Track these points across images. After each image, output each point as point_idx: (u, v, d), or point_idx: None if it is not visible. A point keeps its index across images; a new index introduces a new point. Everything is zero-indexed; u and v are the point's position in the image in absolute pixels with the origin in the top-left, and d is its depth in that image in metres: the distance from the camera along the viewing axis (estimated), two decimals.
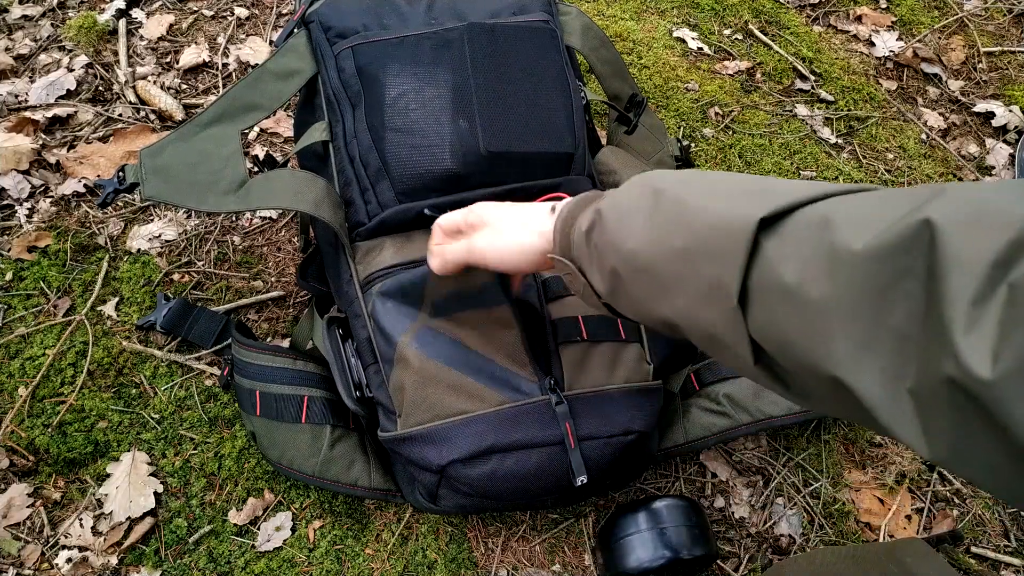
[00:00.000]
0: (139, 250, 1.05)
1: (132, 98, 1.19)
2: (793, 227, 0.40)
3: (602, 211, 0.53)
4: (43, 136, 1.13)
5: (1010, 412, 0.29)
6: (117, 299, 1.00)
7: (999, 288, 0.30)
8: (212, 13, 1.32)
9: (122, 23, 1.27)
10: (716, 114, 1.31)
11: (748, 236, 0.40)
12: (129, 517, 0.86)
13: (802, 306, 0.38)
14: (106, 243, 1.04)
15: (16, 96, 1.17)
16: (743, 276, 0.41)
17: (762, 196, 0.42)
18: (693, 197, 0.46)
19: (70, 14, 1.28)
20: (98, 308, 0.99)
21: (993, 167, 1.31)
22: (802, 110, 1.34)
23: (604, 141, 1.10)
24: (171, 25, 1.29)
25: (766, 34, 1.44)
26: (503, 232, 0.63)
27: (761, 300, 0.40)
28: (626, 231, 0.50)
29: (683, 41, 1.40)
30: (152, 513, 0.87)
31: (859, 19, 1.51)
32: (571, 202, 0.59)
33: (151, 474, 0.89)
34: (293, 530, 0.88)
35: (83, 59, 1.21)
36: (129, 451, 0.90)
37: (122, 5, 1.28)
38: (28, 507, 0.86)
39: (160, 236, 1.06)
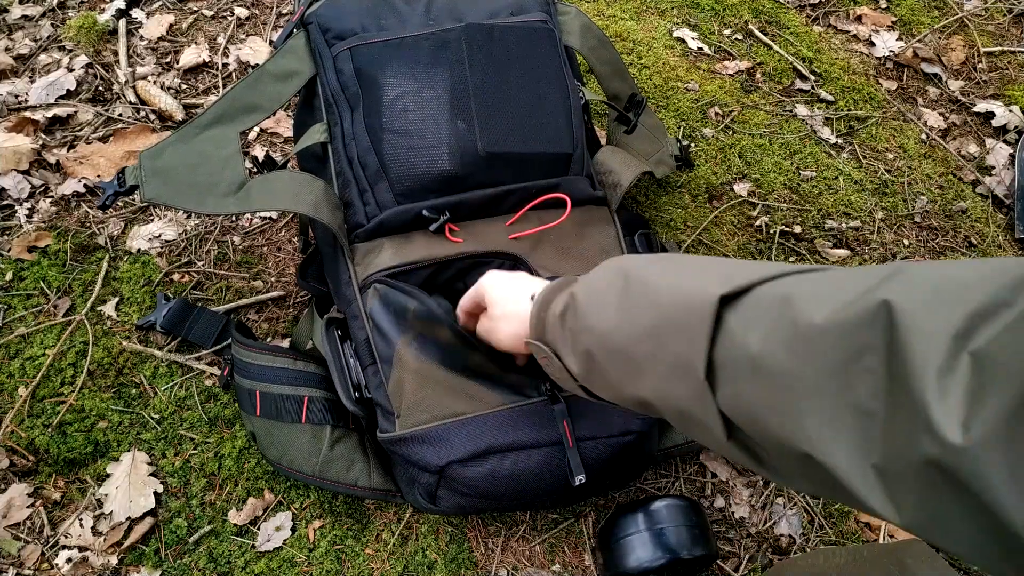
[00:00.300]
0: (139, 250, 1.05)
1: (132, 98, 1.20)
2: (755, 301, 0.41)
3: (575, 295, 0.54)
4: (43, 136, 1.13)
5: (985, 479, 0.29)
6: (117, 299, 1.00)
7: (961, 357, 0.31)
8: (212, 13, 1.32)
9: (122, 23, 1.27)
10: (716, 114, 1.31)
11: (711, 310, 0.41)
12: (129, 517, 0.86)
13: (768, 379, 0.38)
14: (106, 243, 1.05)
15: (16, 96, 1.17)
16: (708, 350, 0.41)
17: (725, 274, 0.43)
18: (658, 276, 0.48)
19: (70, 14, 1.28)
20: (98, 308, 0.99)
21: (993, 167, 1.31)
22: (802, 110, 1.34)
23: (603, 141, 1.10)
24: (171, 25, 1.29)
25: (766, 34, 1.44)
26: (498, 320, 0.67)
27: (728, 374, 0.41)
28: (598, 313, 0.51)
29: (683, 41, 1.40)
30: (152, 513, 0.87)
31: (859, 19, 1.51)
32: (547, 287, 0.61)
33: (151, 474, 0.89)
34: (293, 530, 0.88)
35: (83, 59, 1.21)
36: (129, 451, 0.90)
37: (122, 5, 1.28)
38: (28, 507, 0.86)
39: (160, 236, 1.06)
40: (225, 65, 1.26)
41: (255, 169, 0.95)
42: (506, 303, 0.66)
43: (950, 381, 0.31)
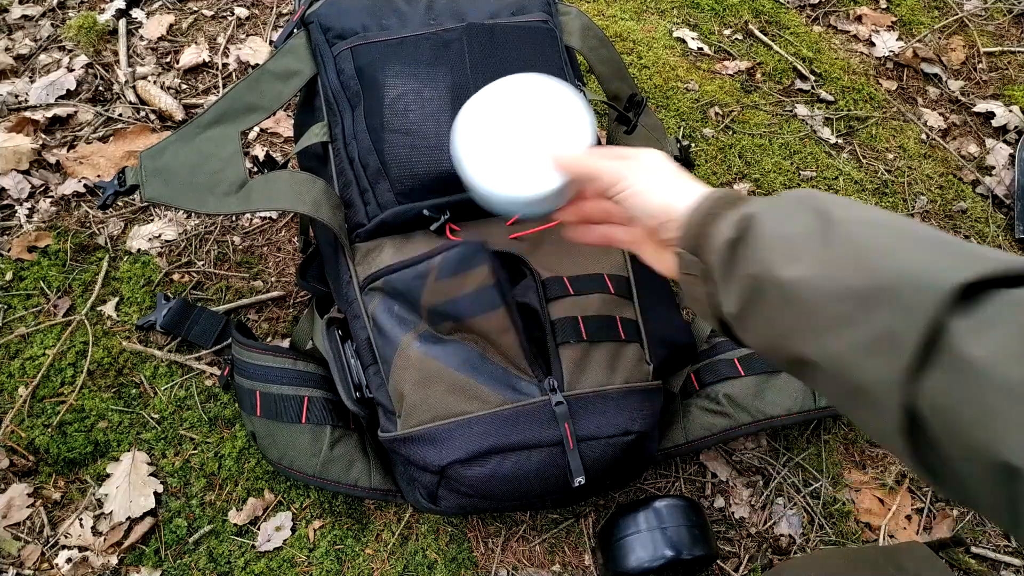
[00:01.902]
0: (139, 250, 1.05)
1: (132, 98, 1.20)
2: (999, 300, 0.36)
3: (756, 222, 0.47)
4: (43, 136, 1.13)
5: None
6: (117, 299, 1.00)
7: None
8: (212, 13, 1.32)
9: (122, 23, 1.27)
10: (716, 114, 1.31)
11: (946, 296, 0.37)
12: (129, 517, 0.86)
13: (993, 386, 0.34)
14: (106, 243, 1.05)
15: (16, 96, 1.17)
16: (928, 335, 0.37)
17: (966, 256, 0.39)
18: (870, 235, 0.43)
19: (70, 14, 1.28)
20: (98, 308, 0.99)
21: (993, 167, 1.31)
22: (802, 110, 1.34)
23: (603, 141, 1.10)
24: (171, 25, 1.29)
25: (766, 34, 1.44)
26: (643, 187, 0.56)
27: (942, 368, 0.37)
28: (785, 254, 0.45)
29: (683, 41, 1.40)
30: (152, 513, 0.87)
31: (859, 19, 1.51)
32: (711, 195, 0.52)
33: (151, 474, 0.89)
34: (293, 530, 0.88)
35: (83, 59, 1.21)
36: (129, 451, 0.90)
37: (122, 5, 1.28)
38: (28, 507, 0.86)
39: (160, 236, 1.06)
40: (225, 65, 1.26)
41: (255, 169, 0.95)
42: (656, 175, 0.56)
43: None
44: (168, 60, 1.25)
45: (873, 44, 1.46)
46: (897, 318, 0.38)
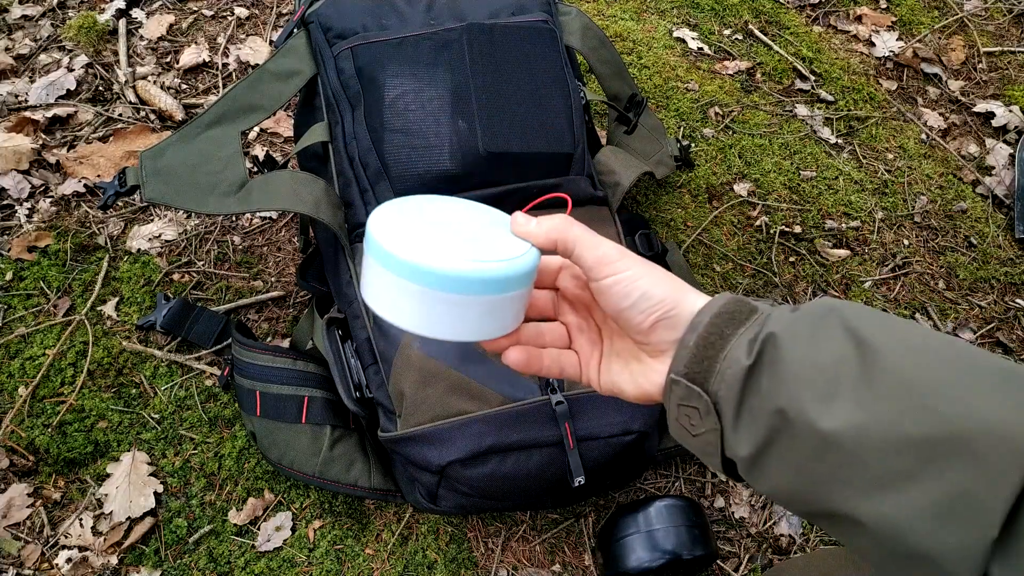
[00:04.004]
0: (139, 250, 1.05)
1: (132, 98, 1.20)
2: None
3: (776, 346, 0.39)
4: (43, 136, 1.13)
5: None
6: (117, 299, 1.00)
7: None
8: (212, 13, 1.32)
9: (122, 23, 1.27)
10: (716, 114, 1.31)
11: None
12: (129, 517, 0.86)
13: None
14: (106, 243, 1.05)
15: (16, 96, 1.17)
16: (1014, 500, 0.32)
17: None
18: (930, 370, 0.36)
19: (70, 14, 1.28)
20: (98, 308, 0.99)
21: (993, 167, 1.31)
22: (802, 110, 1.34)
23: (604, 141, 1.10)
24: (171, 25, 1.29)
25: (766, 34, 1.44)
26: (619, 288, 0.45)
27: None
28: (818, 391, 0.37)
29: (683, 41, 1.40)
30: (152, 513, 0.87)
31: (859, 19, 1.51)
32: (716, 307, 0.42)
33: (151, 474, 0.89)
34: (293, 530, 0.88)
35: (83, 59, 1.21)
36: (129, 451, 0.90)
37: (122, 5, 1.28)
38: (28, 507, 0.86)
39: (160, 236, 1.06)
40: (225, 65, 1.26)
41: (255, 169, 0.95)
42: (648, 264, 0.45)
43: None
44: (168, 60, 1.25)
45: (873, 44, 1.46)
46: (974, 476, 0.33)
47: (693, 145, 1.25)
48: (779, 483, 0.40)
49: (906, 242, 1.20)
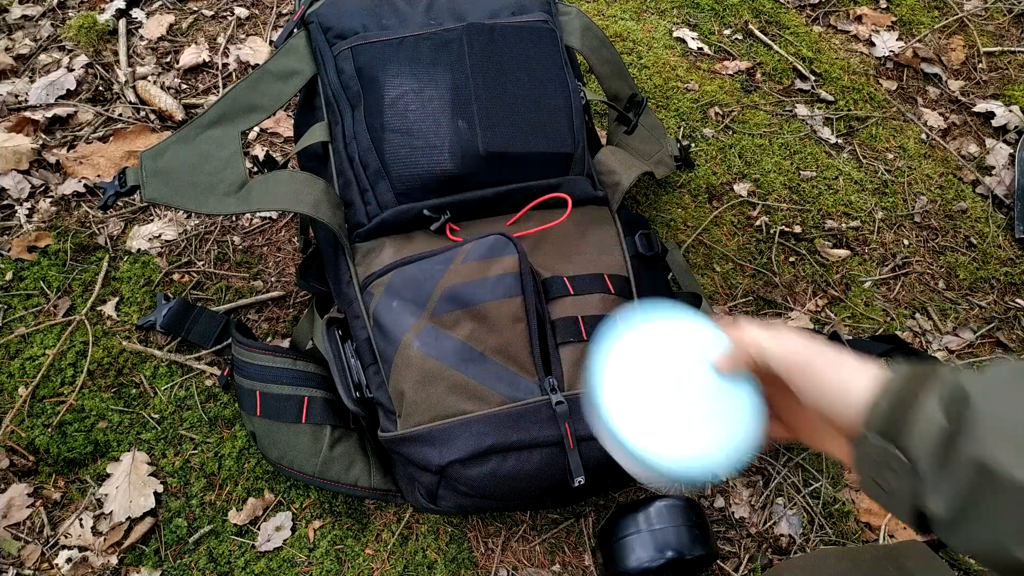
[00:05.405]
0: (139, 250, 1.05)
1: (132, 98, 1.20)
2: None
3: (971, 406, 0.41)
4: (43, 136, 1.13)
5: None
6: (117, 299, 1.00)
7: None
8: (212, 13, 1.32)
9: (122, 23, 1.27)
10: (716, 114, 1.31)
11: None
12: (129, 517, 0.86)
13: None
14: (106, 243, 1.05)
15: (16, 96, 1.17)
16: None
17: None
18: None
19: (70, 14, 1.28)
20: (98, 308, 0.99)
21: (993, 167, 1.31)
22: (802, 110, 1.34)
23: (604, 141, 1.10)
24: (171, 25, 1.29)
25: (766, 34, 1.44)
26: (811, 381, 0.47)
27: None
28: (1017, 449, 0.38)
29: (683, 41, 1.40)
30: (152, 513, 0.87)
31: (859, 19, 1.51)
32: (905, 372, 0.45)
33: (151, 474, 0.89)
34: (293, 530, 0.88)
35: (83, 59, 1.21)
36: (129, 451, 0.90)
37: (122, 5, 1.28)
38: (28, 507, 0.86)
39: (160, 236, 1.06)
40: (225, 65, 1.26)
41: (255, 169, 0.95)
42: (826, 371, 0.47)
43: None
44: (168, 60, 1.25)
45: (873, 44, 1.46)
46: None
47: (693, 145, 1.25)
48: (978, 540, 0.40)
49: (906, 242, 1.20)
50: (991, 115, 1.37)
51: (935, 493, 0.41)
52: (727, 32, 1.44)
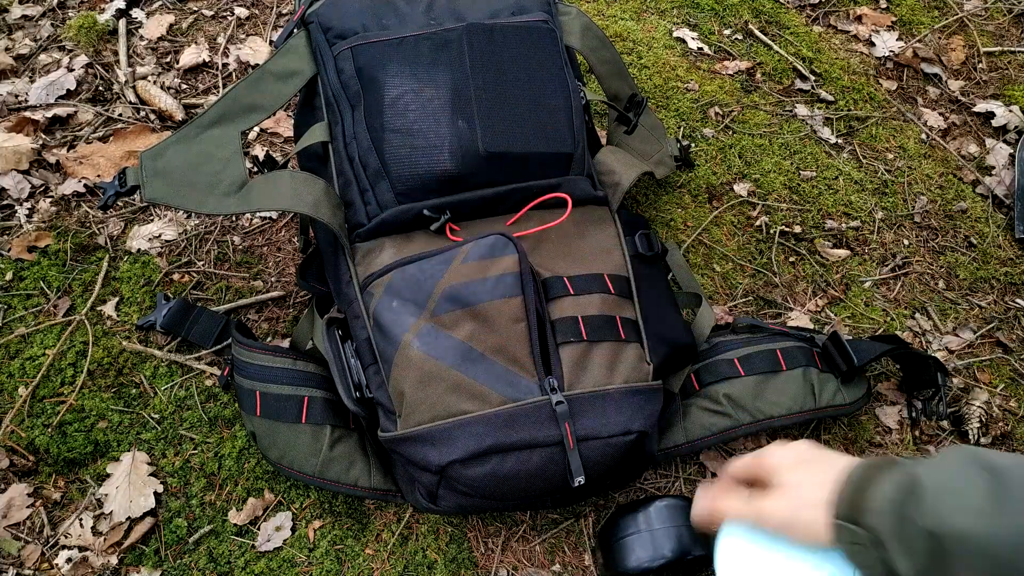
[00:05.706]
0: (139, 250, 1.05)
1: (132, 98, 1.20)
2: None
3: (919, 481, 0.49)
4: (43, 136, 1.13)
5: None
6: (117, 299, 1.00)
7: None
8: (212, 13, 1.32)
9: (122, 23, 1.27)
10: (716, 114, 1.31)
11: None
12: (129, 517, 0.86)
13: None
14: (106, 243, 1.05)
15: (16, 96, 1.17)
16: None
17: None
18: None
19: (70, 14, 1.28)
20: (98, 308, 0.99)
21: (993, 167, 1.31)
22: (802, 110, 1.34)
23: (604, 141, 1.10)
24: (171, 25, 1.29)
25: (766, 34, 1.44)
26: (785, 491, 0.59)
27: None
28: (958, 510, 0.47)
29: (683, 41, 1.40)
30: (152, 513, 0.87)
31: (859, 19, 1.51)
32: (861, 464, 0.55)
33: (151, 474, 0.89)
34: (293, 530, 0.88)
35: (83, 59, 1.21)
36: (129, 451, 0.90)
37: (122, 5, 1.28)
38: (28, 507, 0.86)
39: (160, 236, 1.06)
40: (225, 65, 1.26)
41: (255, 169, 0.95)
42: (809, 486, 0.58)
43: None
44: (168, 60, 1.25)
45: (873, 44, 1.46)
46: None
47: (693, 145, 1.25)
48: None
49: (906, 242, 1.20)
50: (991, 115, 1.37)
51: (900, 557, 0.49)
52: (727, 32, 1.44)
